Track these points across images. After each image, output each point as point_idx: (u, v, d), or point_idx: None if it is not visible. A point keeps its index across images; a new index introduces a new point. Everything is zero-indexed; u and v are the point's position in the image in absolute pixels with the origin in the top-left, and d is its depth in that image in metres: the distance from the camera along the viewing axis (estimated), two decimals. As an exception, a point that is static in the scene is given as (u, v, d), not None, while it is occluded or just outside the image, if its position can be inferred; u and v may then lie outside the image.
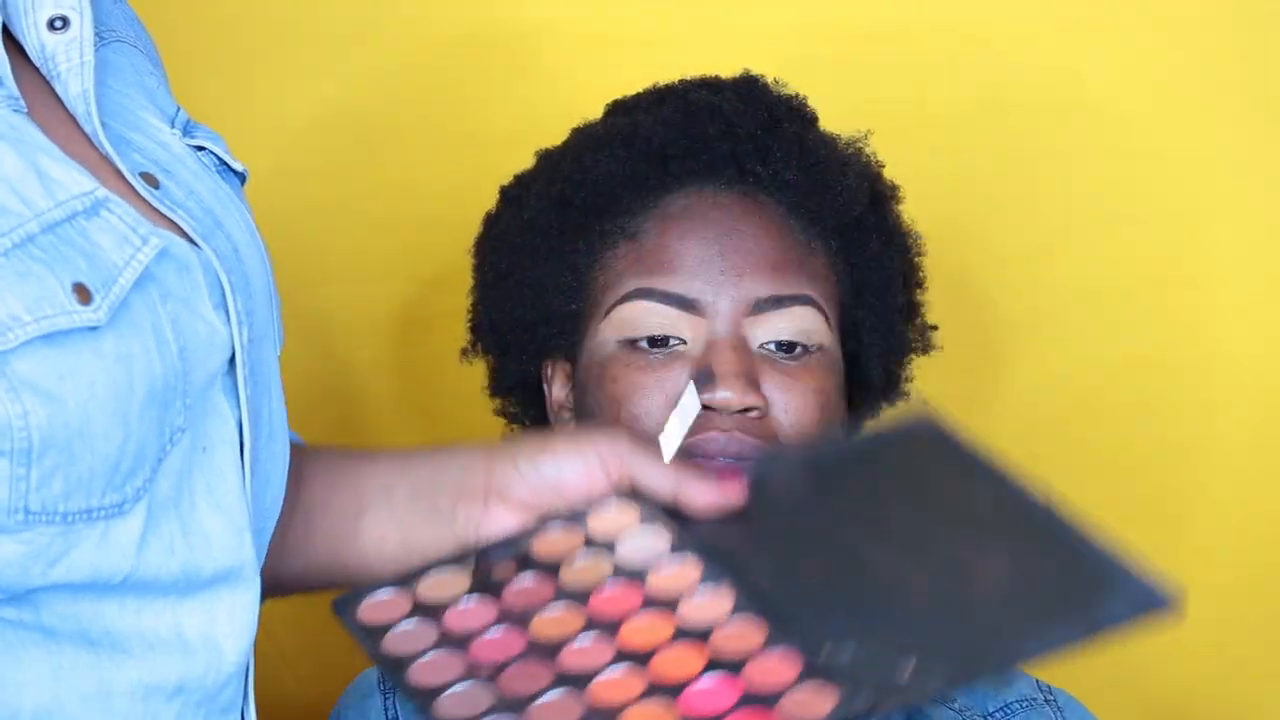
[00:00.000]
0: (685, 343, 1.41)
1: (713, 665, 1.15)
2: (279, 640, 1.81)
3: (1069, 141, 1.81)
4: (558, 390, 1.49)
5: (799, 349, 1.42)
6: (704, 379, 1.39)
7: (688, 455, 1.39)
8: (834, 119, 1.53)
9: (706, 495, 1.24)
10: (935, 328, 1.55)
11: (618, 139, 1.46)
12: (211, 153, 1.27)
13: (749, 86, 1.50)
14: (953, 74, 1.80)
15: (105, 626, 1.14)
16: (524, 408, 1.54)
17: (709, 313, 1.41)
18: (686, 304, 1.41)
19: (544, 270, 1.46)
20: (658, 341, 1.41)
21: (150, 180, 1.19)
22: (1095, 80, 1.80)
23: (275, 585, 1.27)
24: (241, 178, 1.30)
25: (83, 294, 1.09)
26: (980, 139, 1.80)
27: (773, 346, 1.42)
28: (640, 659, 1.16)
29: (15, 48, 1.20)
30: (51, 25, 1.19)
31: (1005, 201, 1.81)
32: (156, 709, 1.15)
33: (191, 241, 1.18)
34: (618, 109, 1.51)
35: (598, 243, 1.45)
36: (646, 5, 1.82)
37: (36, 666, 1.12)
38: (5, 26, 1.19)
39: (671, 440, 1.28)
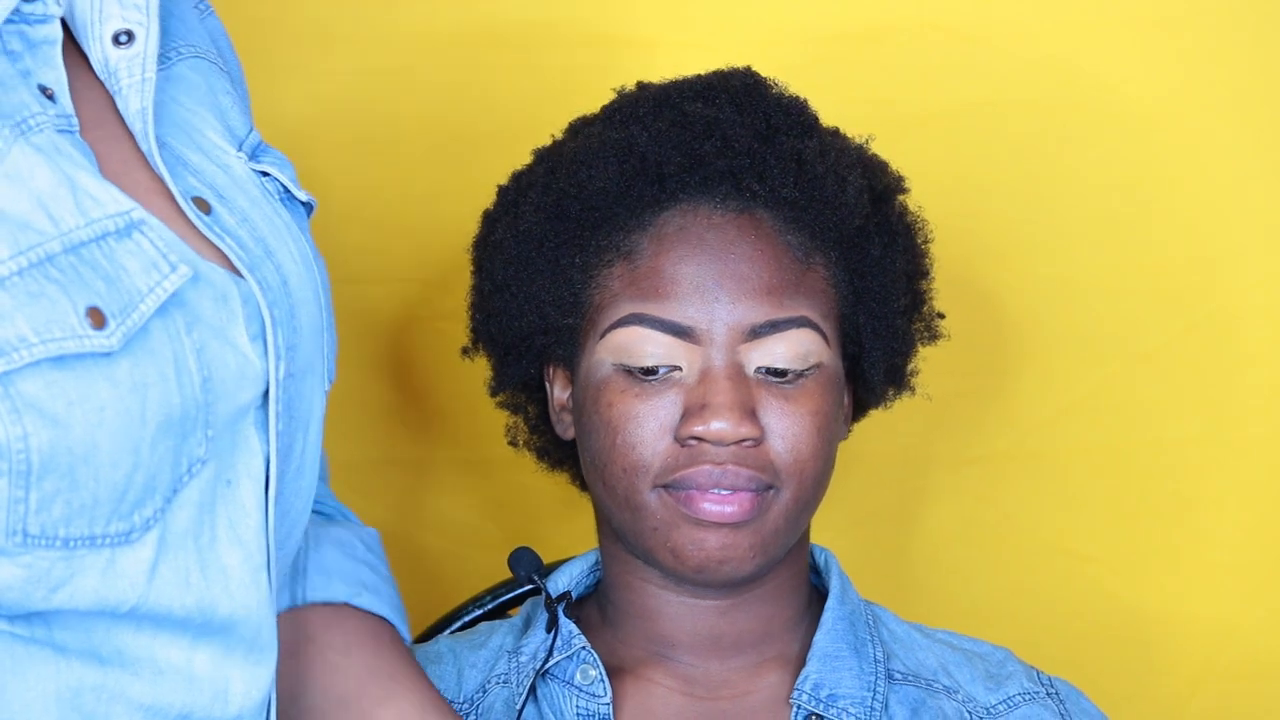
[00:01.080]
0: (681, 370, 1.40)
1: None
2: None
3: (1069, 141, 1.80)
4: (559, 392, 1.49)
5: (794, 374, 1.41)
6: None
7: (680, 488, 1.39)
8: (833, 119, 1.52)
9: None
10: (943, 315, 1.54)
11: (613, 153, 1.44)
12: (276, 179, 1.25)
13: (748, 92, 1.47)
14: (953, 74, 1.80)
15: (117, 647, 1.12)
16: (527, 402, 1.54)
17: (704, 340, 1.40)
18: (681, 331, 1.40)
19: (540, 284, 1.45)
20: (652, 370, 1.41)
21: (202, 205, 1.17)
22: (1095, 79, 1.80)
23: None
24: (308, 207, 1.29)
25: (96, 318, 1.08)
26: (980, 138, 1.80)
27: (768, 371, 1.41)
28: None
29: (82, 59, 1.19)
30: (116, 40, 1.18)
31: (1006, 201, 1.81)
32: None
33: (237, 271, 1.16)
34: (615, 115, 1.49)
35: (593, 259, 1.43)
36: (646, 5, 1.82)
37: (42, 685, 1.11)
38: (71, 38, 1.18)
39: None
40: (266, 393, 1.17)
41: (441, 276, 1.76)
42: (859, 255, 1.46)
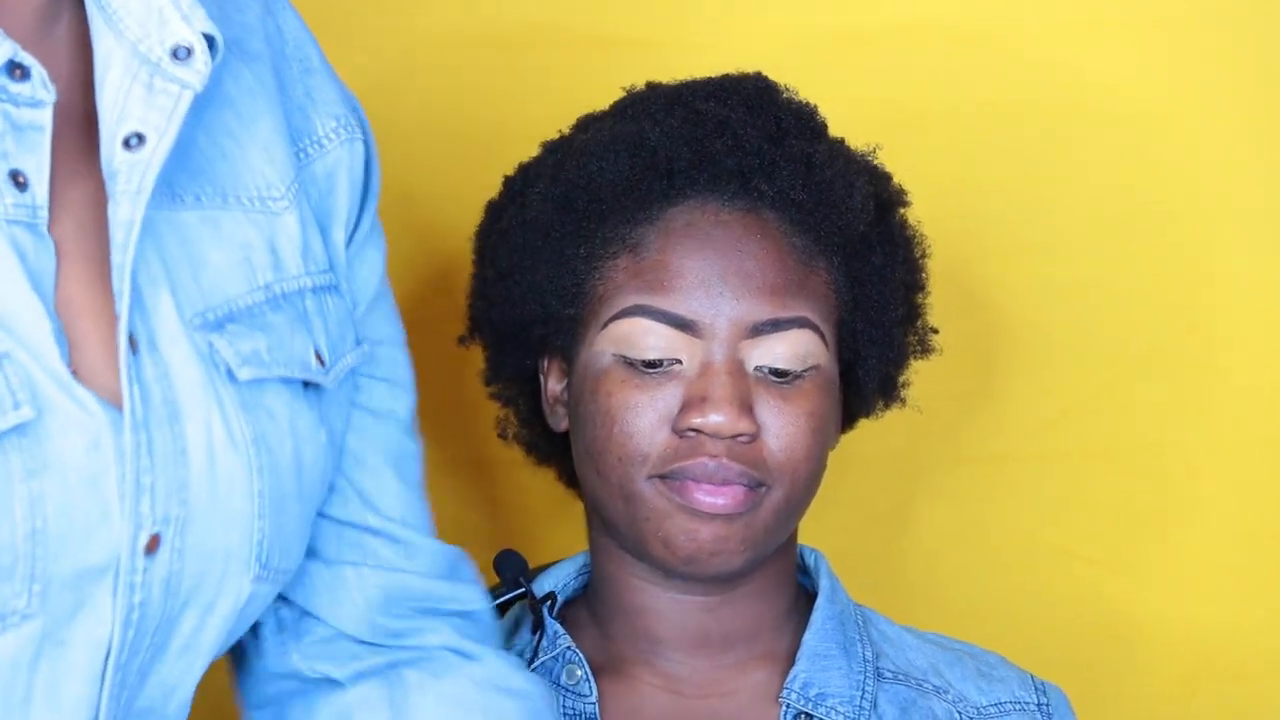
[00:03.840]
0: (681, 363, 1.41)
1: None
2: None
3: (1068, 142, 1.80)
4: (553, 384, 1.50)
5: (793, 374, 1.42)
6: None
7: (676, 478, 1.40)
8: (836, 119, 1.52)
9: None
10: (936, 331, 1.55)
11: (623, 147, 1.45)
12: (219, 354, 1.16)
13: (759, 95, 1.48)
14: (952, 75, 1.80)
15: None
16: (519, 395, 1.55)
17: (706, 334, 1.41)
18: (684, 325, 1.41)
19: (544, 273, 1.46)
20: (653, 363, 1.41)
21: (133, 343, 1.11)
22: (1096, 80, 1.80)
23: None
24: (312, 385, 1.21)
25: None
26: (979, 139, 1.80)
27: (768, 370, 1.41)
28: None
29: (94, 154, 1.13)
30: (127, 142, 1.12)
31: (1004, 202, 1.81)
32: None
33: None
34: (625, 110, 1.50)
35: (599, 250, 1.45)
36: (647, 5, 1.82)
37: None
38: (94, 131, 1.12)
39: None
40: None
41: (441, 277, 1.76)
42: (861, 262, 1.47)
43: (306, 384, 1.21)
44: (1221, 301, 1.80)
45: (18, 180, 1.09)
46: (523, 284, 1.47)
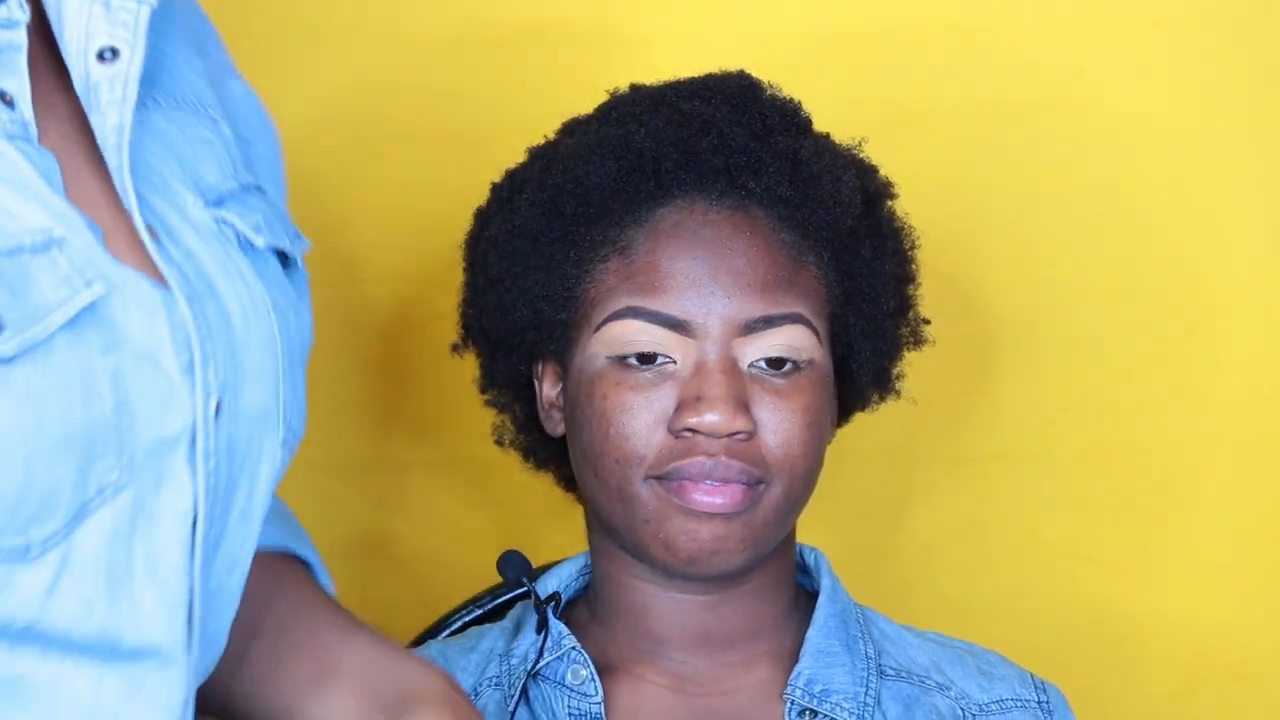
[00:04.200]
0: (675, 362, 1.41)
1: None
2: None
3: (1067, 142, 1.80)
4: (548, 389, 1.50)
5: (788, 364, 1.42)
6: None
7: (673, 478, 1.40)
8: (830, 119, 1.52)
9: None
10: (928, 321, 1.55)
11: (609, 149, 1.45)
12: (233, 225, 1.22)
13: (743, 93, 1.49)
14: (951, 74, 1.80)
15: (19, 671, 1.10)
16: (514, 400, 1.55)
17: (699, 334, 1.41)
18: (677, 325, 1.41)
19: (534, 279, 1.46)
20: (647, 358, 1.41)
21: (151, 232, 1.15)
22: (1094, 80, 1.80)
23: (223, 706, 1.26)
24: (284, 256, 1.26)
25: None
26: (976, 139, 1.80)
27: (763, 364, 1.42)
28: None
29: (60, 77, 1.17)
30: (101, 56, 1.16)
31: (1001, 202, 1.81)
32: None
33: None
34: (610, 113, 1.50)
35: (588, 253, 1.44)
36: (646, 5, 1.82)
37: None
38: (53, 54, 1.16)
39: None
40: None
41: (439, 276, 1.76)
42: (850, 256, 1.47)
43: (282, 261, 1.28)
44: (1221, 301, 1.80)
45: (4, 99, 1.12)
46: (513, 290, 1.47)
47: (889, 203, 1.52)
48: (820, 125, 1.52)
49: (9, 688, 1.09)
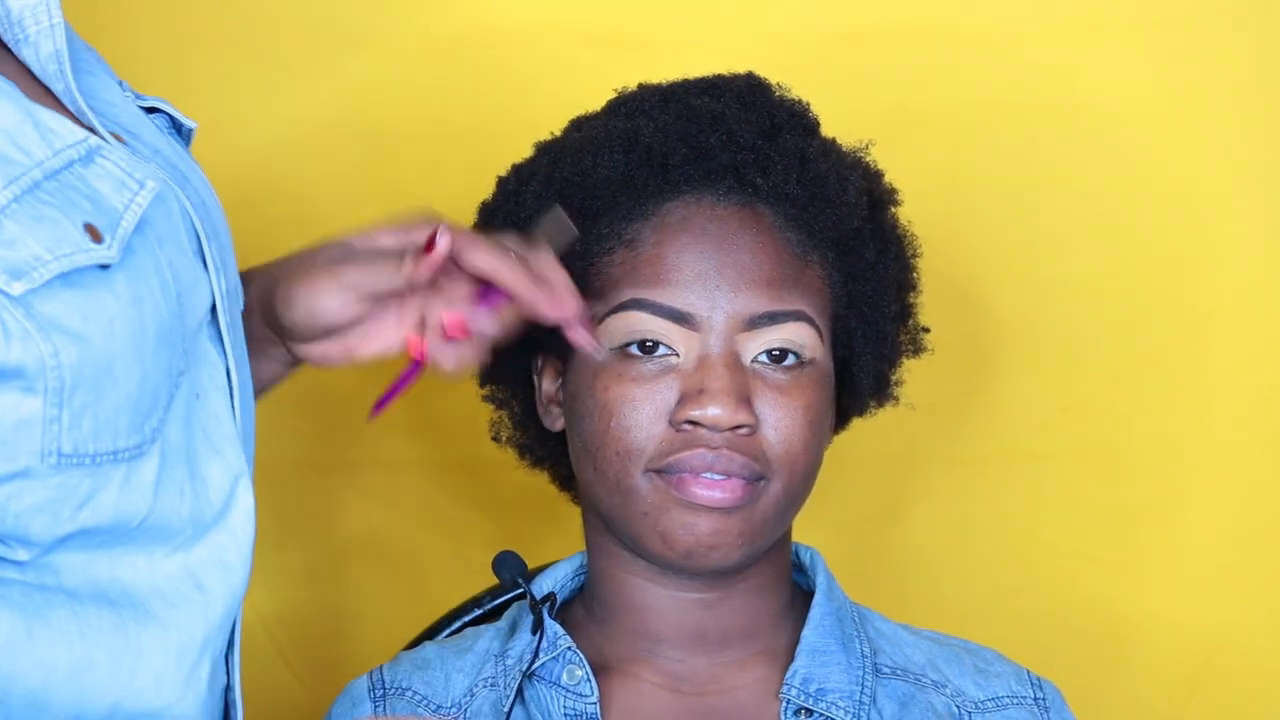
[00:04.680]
0: (678, 355, 1.41)
1: None
2: (279, 640, 1.82)
3: (1067, 142, 1.80)
4: (547, 384, 1.50)
5: (791, 357, 1.42)
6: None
7: (673, 471, 1.40)
8: (831, 119, 1.52)
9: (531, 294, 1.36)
10: (927, 330, 1.55)
11: (618, 143, 1.46)
12: (164, 113, 1.31)
13: (752, 92, 1.49)
14: (950, 75, 1.80)
15: (123, 587, 1.17)
16: (512, 397, 1.55)
17: (703, 327, 1.41)
18: (681, 317, 1.41)
19: None
20: (650, 348, 1.42)
21: (118, 139, 1.22)
22: (1093, 81, 1.80)
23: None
24: (188, 136, 1.34)
25: (94, 233, 1.14)
26: (976, 139, 1.81)
27: (765, 358, 1.42)
28: None
29: None
30: None
31: (1000, 202, 1.81)
32: (190, 667, 1.20)
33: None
34: (619, 108, 1.51)
35: (594, 246, 1.45)
36: (646, 5, 1.83)
37: (65, 626, 1.16)
38: None
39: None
40: (213, 307, 1.23)
41: (439, 276, 1.76)
42: (854, 258, 1.48)
43: None
44: (1220, 301, 1.80)
45: None
46: None
47: (893, 209, 1.52)
48: (820, 125, 1.52)
49: (122, 606, 1.18)
